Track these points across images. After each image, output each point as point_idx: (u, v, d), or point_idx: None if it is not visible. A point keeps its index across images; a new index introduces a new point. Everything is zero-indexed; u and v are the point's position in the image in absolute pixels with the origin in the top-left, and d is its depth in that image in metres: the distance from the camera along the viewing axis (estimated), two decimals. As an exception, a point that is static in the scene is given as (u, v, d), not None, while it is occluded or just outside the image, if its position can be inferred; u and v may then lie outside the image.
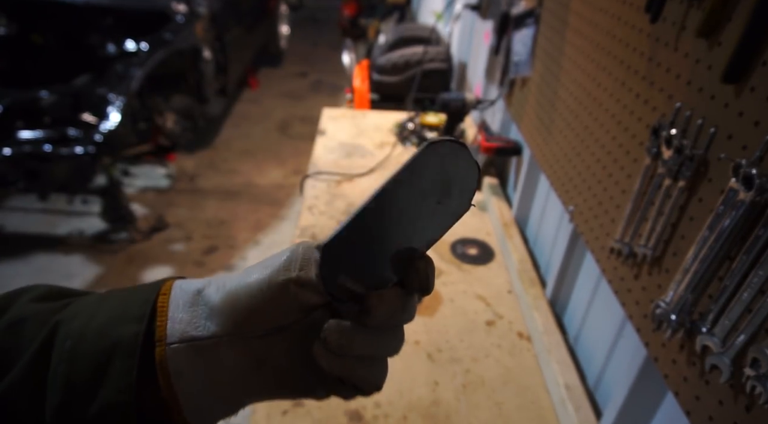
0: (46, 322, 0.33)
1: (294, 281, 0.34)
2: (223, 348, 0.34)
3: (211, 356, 0.34)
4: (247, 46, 4.79)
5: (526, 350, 1.09)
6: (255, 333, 0.35)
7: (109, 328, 0.33)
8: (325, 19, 7.78)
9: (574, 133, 1.07)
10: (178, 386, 0.33)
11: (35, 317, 0.33)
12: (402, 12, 4.65)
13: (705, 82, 0.66)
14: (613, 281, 0.87)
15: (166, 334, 0.34)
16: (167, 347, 0.33)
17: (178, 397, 0.33)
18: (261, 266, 0.36)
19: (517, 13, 1.42)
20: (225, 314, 0.34)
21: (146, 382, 0.33)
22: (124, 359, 0.32)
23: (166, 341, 0.33)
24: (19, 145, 2.59)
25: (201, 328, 0.34)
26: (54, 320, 0.33)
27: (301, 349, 0.36)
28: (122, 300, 0.35)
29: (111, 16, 3.48)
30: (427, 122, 1.94)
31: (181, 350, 0.33)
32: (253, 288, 0.34)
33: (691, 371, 0.64)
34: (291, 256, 0.35)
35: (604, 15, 0.95)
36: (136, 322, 0.33)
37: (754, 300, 0.54)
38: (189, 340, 0.34)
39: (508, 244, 1.34)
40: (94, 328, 0.33)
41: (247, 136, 4.25)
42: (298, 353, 0.36)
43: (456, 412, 0.94)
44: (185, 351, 0.33)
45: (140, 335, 0.33)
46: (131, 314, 0.34)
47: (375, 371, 0.36)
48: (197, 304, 0.35)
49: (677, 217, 0.70)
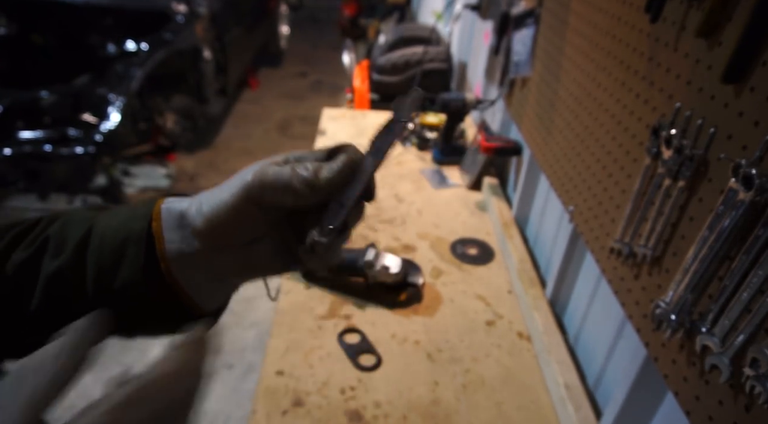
0: (85, 221, 0.46)
1: (255, 187, 0.41)
2: (210, 256, 0.43)
3: (202, 261, 0.43)
4: (247, 46, 4.80)
5: (526, 350, 1.09)
6: (235, 245, 0.44)
7: (122, 227, 0.44)
8: (325, 19, 7.78)
9: (574, 133, 1.07)
10: (179, 274, 0.43)
11: (79, 220, 0.46)
12: (402, 12, 4.65)
13: (705, 82, 0.66)
14: (613, 281, 0.87)
15: (165, 248, 0.43)
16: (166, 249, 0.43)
17: (180, 282, 0.43)
18: (228, 185, 0.43)
19: (517, 13, 1.42)
20: (204, 234, 0.43)
21: (154, 268, 0.43)
22: (134, 247, 0.43)
23: (165, 252, 0.43)
24: (19, 145, 2.59)
25: (189, 246, 0.43)
26: (89, 223, 0.45)
27: (281, 250, 0.45)
28: (130, 210, 0.46)
29: (111, 16, 3.48)
30: (427, 122, 1.95)
31: (177, 258, 0.43)
32: (222, 209, 0.42)
33: (691, 371, 0.64)
34: (249, 171, 0.42)
35: (604, 15, 0.95)
36: (142, 219, 0.44)
37: (754, 300, 0.54)
38: (181, 254, 0.43)
39: (508, 244, 1.34)
40: (113, 226, 0.44)
41: (247, 137, 4.25)
42: (279, 253, 0.45)
43: (456, 412, 0.94)
44: (180, 259, 0.43)
45: (145, 229, 0.43)
46: (139, 214, 0.45)
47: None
48: (183, 227, 0.43)
49: (677, 217, 0.70)
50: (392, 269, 1.13)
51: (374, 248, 1.16)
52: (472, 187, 1.65)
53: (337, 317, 1.12)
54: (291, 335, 1.07)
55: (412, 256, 1.33)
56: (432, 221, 1.48)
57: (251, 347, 2.44)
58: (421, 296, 1.20)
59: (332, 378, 0.98)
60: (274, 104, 4.90)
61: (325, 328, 1.09)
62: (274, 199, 0.41)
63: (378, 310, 1.15)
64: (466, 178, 1.68)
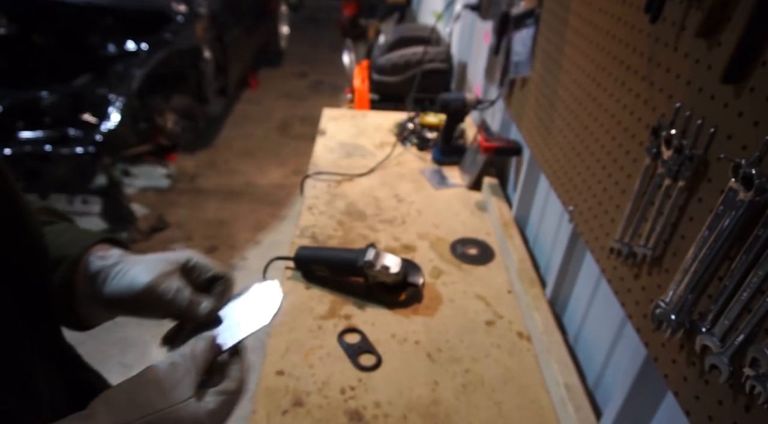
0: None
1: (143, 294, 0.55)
2: (107, 308, 0.58)
3: (99, 307, 0.58)
4: (248, 46, 4.79)
5: (526, 350, 1.09)
6: (131, 314, 0.58)
7: (63, 249, 0.56)
8: (325, 19, 7.78)
9: (574, 133, 1.07)
10: (81, 306, 0.57)
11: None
12: (402, 12, 4.65)
13: (705, 83, 0.66)
14: (612, 280, 0.87)
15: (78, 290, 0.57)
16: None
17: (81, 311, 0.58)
18: (133, 273, 0.56)
19: (517, 14, 1.42)
20: (104, 300, 0.56)
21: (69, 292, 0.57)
22: (65, 270, 0.55)
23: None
24: (19, 145, 2.59)
25: (94, 297, 0.56)
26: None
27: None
28: (72, 240, 0.58)
29: (111, 16, 3.48)
30: (427, 122, 1.95)
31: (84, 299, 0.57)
32: (118, 292, 0.56)
33: (691, 370, 0.64)
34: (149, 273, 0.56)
35: (604, 15, 0.95)
36: (74, 254, 0.56)
37: (754, 300, 0.54)
38: (87, 297, 0.57)
39: (508, 244, 1.34)
40: (58, 245, 0.56)
41: (247, 137, 4.25)
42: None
43: (456, 412, 0.94)
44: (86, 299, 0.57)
45: (73, 264, 0.56)
46: (73, 251, 0.57)
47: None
48: (94, 285, 0.56)
49: (677, 217, 0.70)
50: (392, 269, 1.13)
51: (374, 248, 1.16)
52: (472, 187, 1.66)
53: (337, 317, 1.12)
54: (291, 335, 1.07)
55: (412, 256, 1.33)
56: (432, 221, 1.48)
57: (251, 347, 2.43)
58: (421, 296, 1.20)
59: (332, 378, 0.98)
60: (274, 104, 4.90)
61: (325, 328, 1.09)
62: (155, 306, 0.56)
63: (378, 310, 1.15)
64: (466, 178, 1.68)
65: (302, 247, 1.24)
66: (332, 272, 1.20)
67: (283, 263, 1.25)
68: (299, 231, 1.39)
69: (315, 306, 1.15)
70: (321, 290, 1.19)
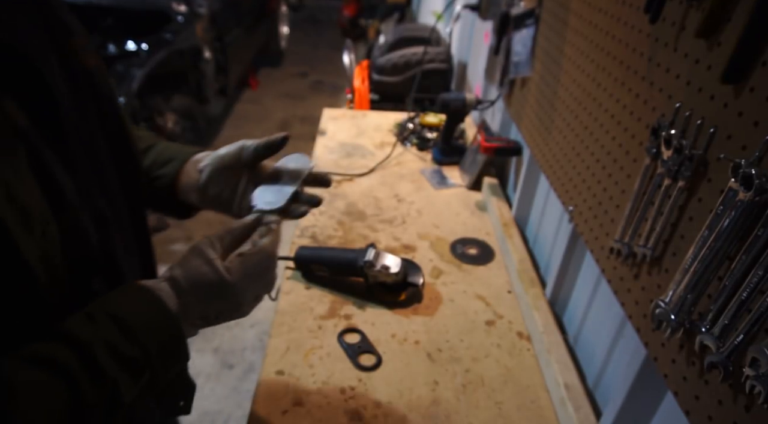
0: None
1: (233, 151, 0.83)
2: (200, 192, 0.80)
3: (195, 192, 0.80)
4: (248, 47, 4.80)
5: (526, 350, 1.09)
6: (213, 197, 0.80)
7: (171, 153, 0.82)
8: (325, 19, 7.78)
9: (574, 133, 1.07)
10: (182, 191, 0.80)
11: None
12: (402, 12, 4.65)
13: (704, 83, 0.66)
14: (612, 280, 0.87)
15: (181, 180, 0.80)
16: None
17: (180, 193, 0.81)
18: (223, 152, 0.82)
19: (516, 14, 1.42)
20: (200, 187, 0.79)
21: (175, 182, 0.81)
22: (176, 164, 0.81)
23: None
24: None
25: (194, 184, 0.79)
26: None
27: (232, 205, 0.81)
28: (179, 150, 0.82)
29: (111, 16, 3.48)
30: (427, 122, 1.95)
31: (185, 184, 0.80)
32: (210, 172, 0.79)
33: (691, 370, 0.65)
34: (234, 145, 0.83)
35: (604, 15, 0.95)
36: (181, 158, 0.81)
37: (754, 300, 0.54)
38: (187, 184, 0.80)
39: (508, 244, 1.34)
40: (167, 152, 0.83)
41: (247, 137, 4.22)
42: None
43: (456, 412, 0.94)
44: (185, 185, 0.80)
45: (180, 164, 0.80)
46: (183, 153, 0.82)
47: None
48: (196, 171, 0.79)
49: (677, 217, 0.70)
50: (392, 269, 1.13)
51: (374, 248, 1.16)
52: (472, 187, 1.66)
53: (337, 317, 1.12)
54: (291, 335, 1.07)
55: (412, 256, 1.33)
56: (432, 221, 1.48)
57: (251, 347, 2.44)
58: (421, 295, 1.20)
59: (332, 378, 0.98)
60: (274, 104, 4.90)
61: (325, 328, 1.09)
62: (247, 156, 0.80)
63: (378, 310, 1.15)
64: (466, 178, 1.68)
65: (302, 247, 1.25)
66: (332, 272, 1.20)
67: (283, 262, 1.25)
68: (299, 231, 1.39)
69: (315, 306, 1.15)
70: (321, 290, 1.20)
